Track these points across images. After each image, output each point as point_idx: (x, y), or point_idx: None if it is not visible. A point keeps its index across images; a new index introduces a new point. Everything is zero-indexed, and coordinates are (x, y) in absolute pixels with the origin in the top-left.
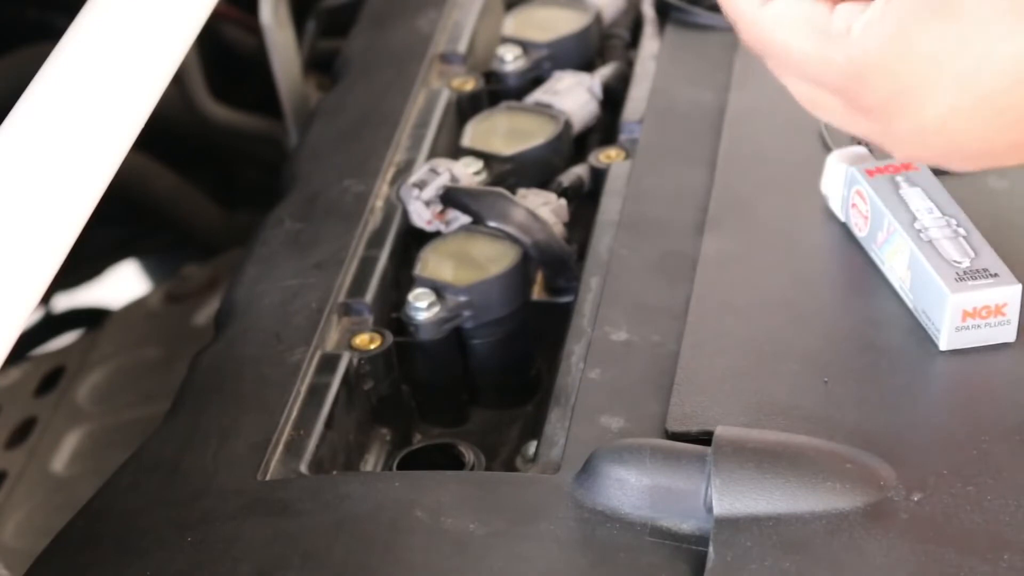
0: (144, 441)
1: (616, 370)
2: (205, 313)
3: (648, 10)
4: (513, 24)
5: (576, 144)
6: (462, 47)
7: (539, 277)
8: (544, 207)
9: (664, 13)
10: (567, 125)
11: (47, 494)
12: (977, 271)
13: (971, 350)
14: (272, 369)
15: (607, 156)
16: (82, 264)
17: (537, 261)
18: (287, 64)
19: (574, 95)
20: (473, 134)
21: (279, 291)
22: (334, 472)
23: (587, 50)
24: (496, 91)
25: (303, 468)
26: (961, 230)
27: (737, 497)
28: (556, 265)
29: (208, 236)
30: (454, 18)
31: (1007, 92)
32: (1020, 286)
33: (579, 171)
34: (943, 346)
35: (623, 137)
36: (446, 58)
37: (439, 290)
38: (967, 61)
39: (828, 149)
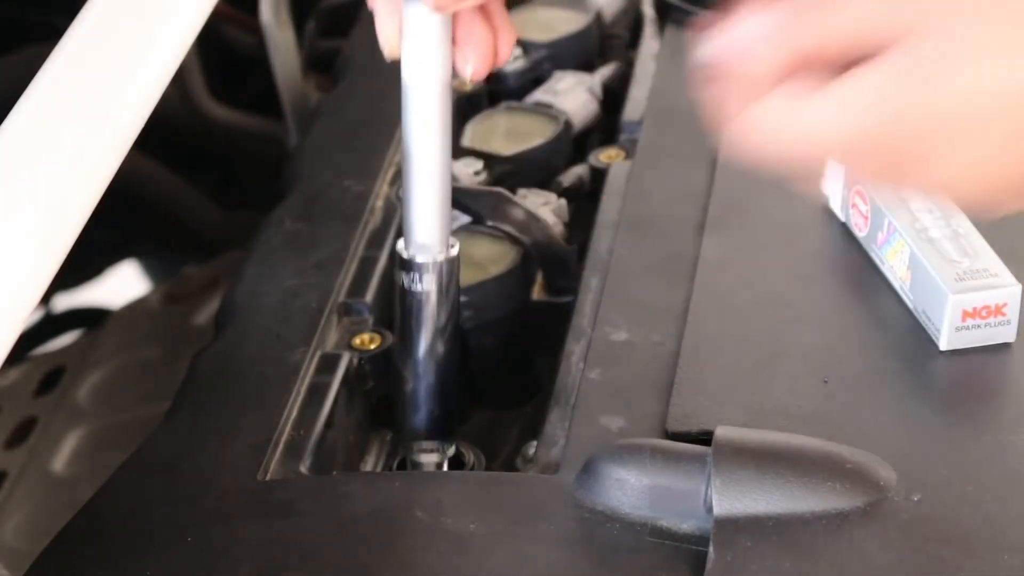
0: (144, 441)
1: (616, 370)
2: (205, 313)
3: (648, 10)
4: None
5: (576, 144)
6: None
7: (539, 277)
8: (544, 207)
9: (664, 13)
10: (567, 125)
11: (47, 494)
12: (977, 271)
13: (971, 350)
14: (272, 369)
15: (607, 156)
16: (82, 264)
17: (537, 261)
18: (287, 64)
19: (574, 95)
20: (473, 134)
21: (279, 291)
22: (334, 472)
23: (587, 50)
24: (496, 91)
25: (303, 468)
26: (961, 230)
27: (737, 497)
28: (556, 265)
29: (208, 236)
30: None
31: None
32: (1020, 286)
33: (579, 171)
34: (943, 346)
35: (623, 137)
36: None
37: None
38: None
39: None
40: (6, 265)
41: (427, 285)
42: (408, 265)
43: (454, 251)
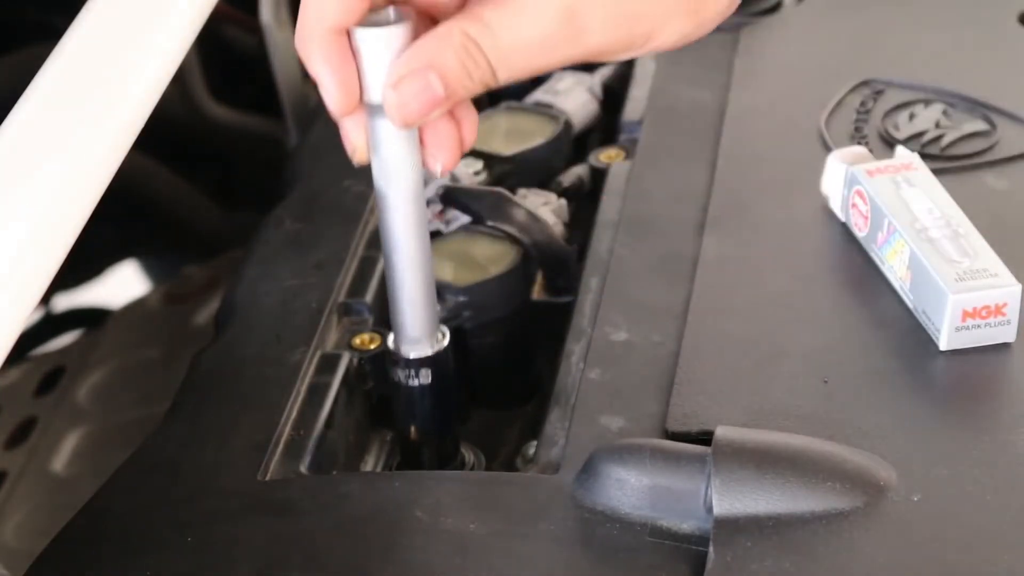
0: (144, 441)
1: (616, 370)
2: (205, 313)
3: None
4: None
5: (576, 144)
6: None
7: (539, 277)
8: (544, 207)
9: None
10: (567, 125)
11: (47, 494)
12: (977, 271)
13: (971, 350)
14: (272, 369)
15: (607, 156)
16: (82, 264)
17: (537, 261)
18: (287, 64)
19: (574, 95)
20: None
21: (279, 291)
22: (334, 472)
23: None
24: (496, 91)
25: (303, 468)
26: (961, 230)
27: (737, 497)
28: (556, 265)
29: (208, 236)
30: None
31: None
32: (1020, 286)
33: (579, 171)
34: (943, 346)
35: (623, 137)
36: None
37: (439, 290)
38: None
39: (828, 149)
40: (6, 265)
41: (423, 379)
42: (402, 362)
43: (445, 340)
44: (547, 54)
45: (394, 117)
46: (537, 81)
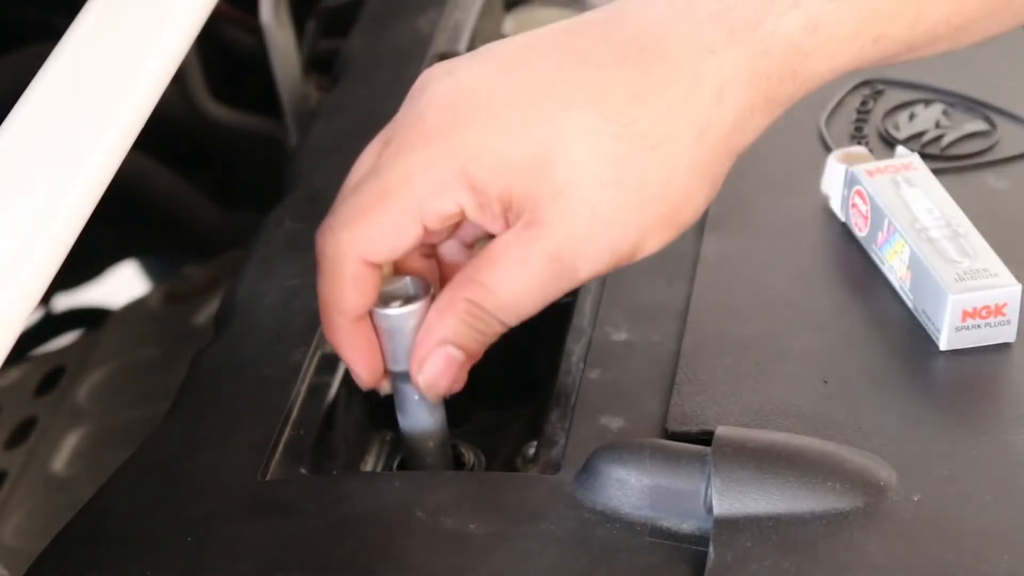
0: (144, 441)
1: (616, 370)
2: (205, 313)
3: None
4: (513, 24)
5: None
6: (462, 47)
7: None
8: None
9: None
10: None
11: (47, 494)
12: (977, 271)
13: (971, 350)
14: (272, 369)
15: None
16: (82, 264)
17: None
18: (287, 64)
19: None
20: None
21: (279, 291)
22: (334, 472)
23: None
24: None
25: (303, 468)
26: (961, 230)
27: (737, 497)
28: None
29: (208, 236)
30: (454, 18)
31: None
32: (1020, 286)
33: None
34: (943, 346)
35: None
36: (446, 58)
37: None
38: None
39: (828, 149)
40: (6, 265)
41: None
42: None
43: None
44: (544, 295)
45: (426, 394)
46: None
